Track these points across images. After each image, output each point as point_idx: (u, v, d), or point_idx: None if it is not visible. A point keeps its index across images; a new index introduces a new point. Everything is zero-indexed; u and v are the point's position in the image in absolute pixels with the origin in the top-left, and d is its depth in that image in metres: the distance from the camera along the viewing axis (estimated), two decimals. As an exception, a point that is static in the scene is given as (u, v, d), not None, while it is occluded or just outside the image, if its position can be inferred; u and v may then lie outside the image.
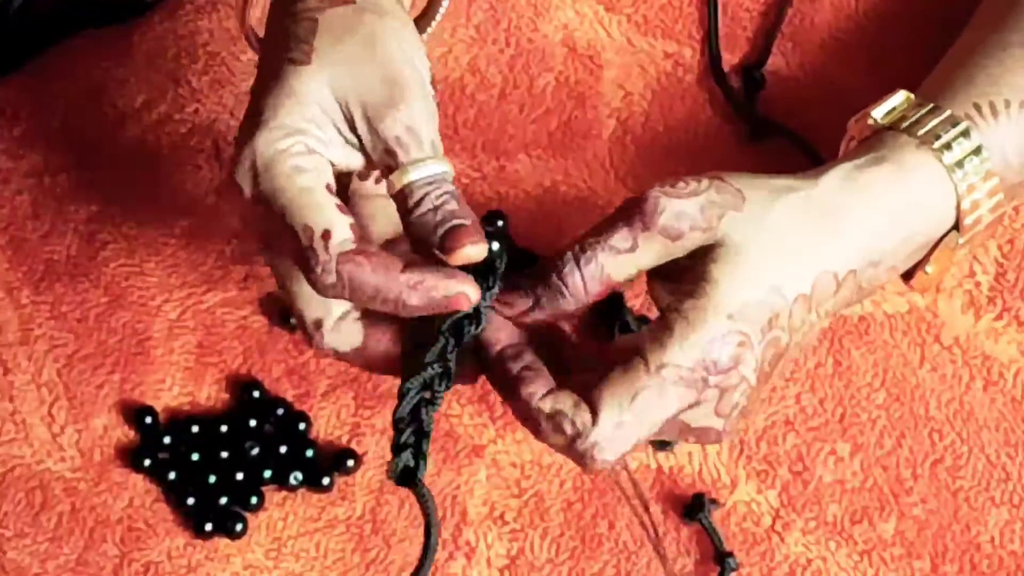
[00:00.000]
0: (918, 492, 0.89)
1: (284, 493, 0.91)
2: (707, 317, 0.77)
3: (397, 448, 0.78)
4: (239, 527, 0.90)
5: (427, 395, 0.79)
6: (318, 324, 0.80)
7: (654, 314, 0.93)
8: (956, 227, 0.84)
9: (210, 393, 0.93)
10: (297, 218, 0.77)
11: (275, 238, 0.80)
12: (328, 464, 0.91)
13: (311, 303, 0.80)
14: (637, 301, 0.93)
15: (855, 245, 0.81)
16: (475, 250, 0.77)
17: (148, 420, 0.92)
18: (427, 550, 0.79)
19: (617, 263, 0.79)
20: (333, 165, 0.79)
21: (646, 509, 0.89)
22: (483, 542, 0.90)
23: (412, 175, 0.78)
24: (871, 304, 0.92)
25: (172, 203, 0.97)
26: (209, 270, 0.95)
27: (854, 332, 0.92)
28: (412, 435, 0.78)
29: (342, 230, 0.77)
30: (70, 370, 0.93)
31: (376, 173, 0.83)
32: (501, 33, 0.99)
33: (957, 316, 0.92)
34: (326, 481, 0.90)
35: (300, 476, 0.90)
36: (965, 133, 0.82)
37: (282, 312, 0.94)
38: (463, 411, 0.92)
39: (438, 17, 0.88)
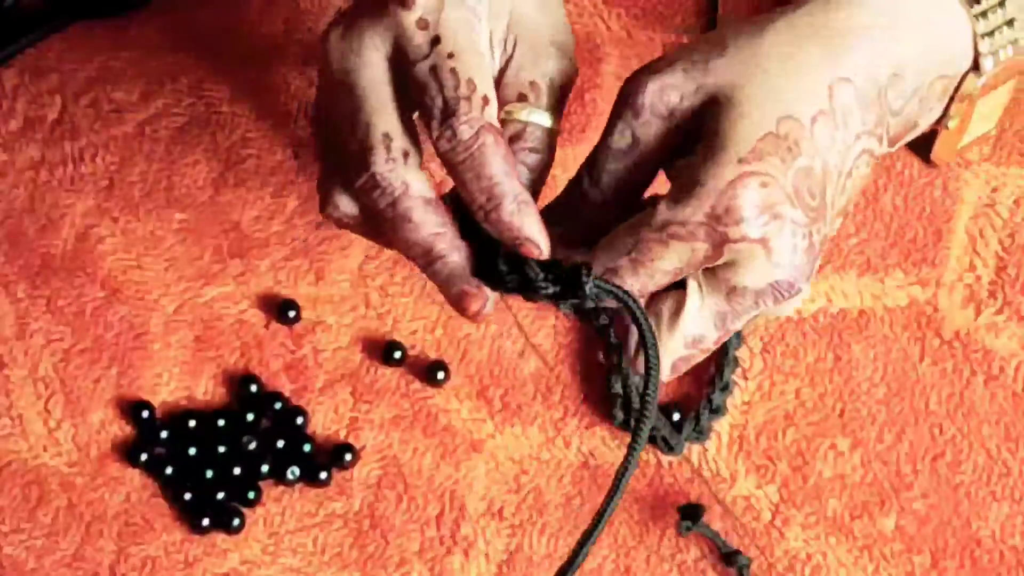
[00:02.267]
0: (918, 487, 0.89)
1: (281, 488, 0.91)
2: (713, 167, 0.72)
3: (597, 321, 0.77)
4: (236, 522, 0.89)
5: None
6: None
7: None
8: (975, 67, 0.79)
9: (207, 388, 0.93)
10: (462, 71, 0.74)
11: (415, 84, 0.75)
12: (326, 459, 0.91)
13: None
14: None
15: (866, 50, 0.75)
16: (531, 246, 0.74)
17: (145, 415, 0.92)
18: (649, 362, 0.73)
19: (622, 163, 0.75)
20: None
21: None
22: (481, 537, 0.89)
23: (538, 118, 0.77)
24: (871, 298, 0.92)
25: (169, 197, 0.96)
26: (206, 264, 0.95)
27: (854, 326, 0.92)
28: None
29: (494, 106, 0.75)
30: (67, 365, 0.93)
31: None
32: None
33: (957, 310, 0.92)
34: (323, 476, 0.90)
35: (297, 471, 0.90)
36: None
37: (280, 307, 0.93)
38: (462, 406, 0.91)
39: None
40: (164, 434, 0.91)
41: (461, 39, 0.75)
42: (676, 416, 0.91)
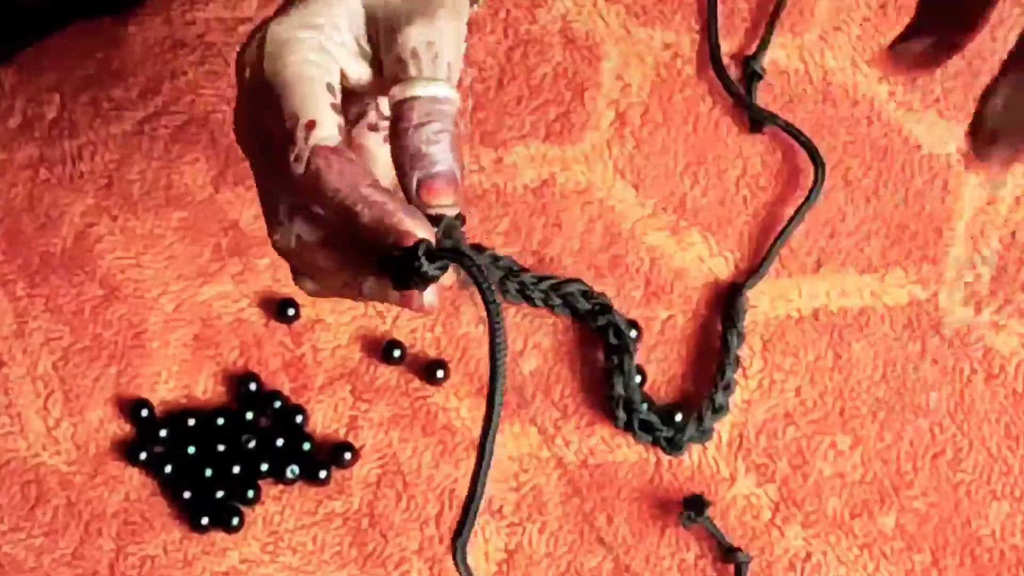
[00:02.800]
0: (919, 485, 0.89)
1: (281, 487, 0.90)
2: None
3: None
4: (235, 521, 0.89)
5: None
6: (311, 124, 0.74)
7: (647, 316, 0.93)
8: None
9: (206, 386, 0.93)
10: (287, 103, 0.74)
11: (261, 125, 0.76)
12: (325, 458, 0.91)
13: (305, 108, 0.74)
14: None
15: None
16: (446, 205, 0.73)
17: (144, 413, 0.92)
18: (495, 350, 0.69)
19: None
20: (343, 73, 0.76)
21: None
22: (481, 536, 0.89)
23: (418, 90, 0.74)
24: (871, 296, 0.92)
25: (168, 195, 0.96)
26: (205, 263, 0.95)
27: (854, 325, 0.92)
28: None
29: (328, 126, 0.73)
30: (66, 363, 0.93)
31: (384, 132, 0.80)
32: (499, 23, 0.98)
33: (958, 308, 0.92)
34: (323, 475, 0.90)
35: (297, 470, 0.90)
36: None
37: (279, 305, 0.93)
38: (461, 404, 0.91)
39: None
40: (163, 433, 0.91)
41: (285, 67, 0.74)
42: (679, 417, 0.90)
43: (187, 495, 0.90)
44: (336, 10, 0.76)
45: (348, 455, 0.90)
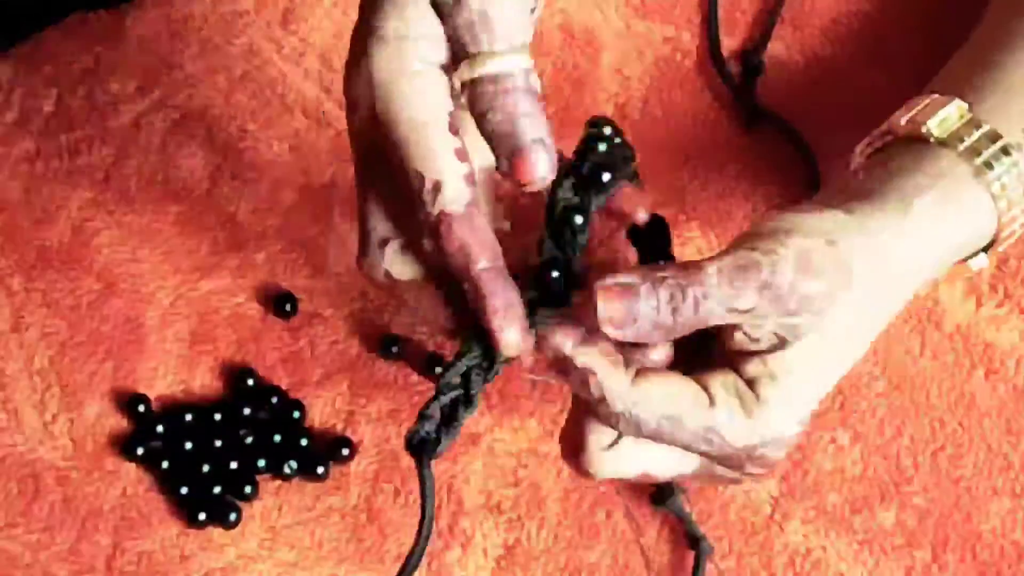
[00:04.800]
0: (919, 481, 0.89)
1: (278, 482, 0.90)
2: (777, 415, 0.74)
3: (423, 415, 0.75)
4: (233, 516, 0.89)
5: (483, 363, 0.75)
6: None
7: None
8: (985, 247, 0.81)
9: (204, 381, 0.92)
10: (409, 161, 0.72)
11: (382, 161, 0.75)
12: (323, 453, 0.90)
13: (429, 165, 0.73)
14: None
15: (918, 282, 0.79)
16: (538, 181, 0.72)
17: (141, 408, 0.91)
18: (420, 538, 0.77)
19: (724, 316, 0.73)
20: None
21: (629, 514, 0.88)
22: (479, 532, 0.89)
23: (477, 70, 0.71)
24: (871, 291, 0.92)
25: (166, 189, 0.96)
26: (203, 257, 0.95)
27: (854, 319, 0.91)
28: (449, 403, 0.75)
29: (454, 184, 0.72)
30: (62, 358, 0.93)
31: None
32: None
33: (958, 304, 0.92)
34: (321, 470, 0.90)
35: (295, 465, 0.90)
36: (1014, 162, 0.79)
37: (276, 300, 0.93)
38: (459, 399, 0.91)
39: None
40: (160, 428, 0.91)
41: (399, 111, 0.72)
42: None
43: (184, 490, 0.90)
44: (419, 6, 0.73)
45: (346, 450, 0.90)
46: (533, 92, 0.72)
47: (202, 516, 0.89)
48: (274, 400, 0.91)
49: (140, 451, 0.91)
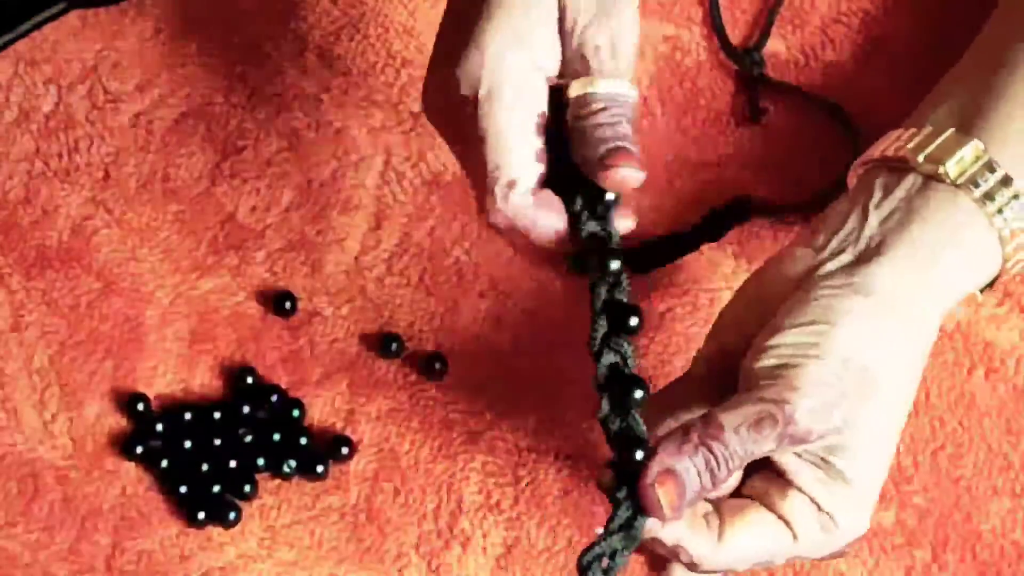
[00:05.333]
0: (919, 480, 0.89)
1: (278, 481, 0.90)
2: (852, 524, 0.79)
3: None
4: (232, 516, 0.89)
5: (605, 564, 0.76)
6: (511, 184, 0.78)
7: (646, 309, 0.92)
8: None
9: (203, 380, 0.92)
10: (492, 152, 0.77)
11: (463, 134, 0.79)
12: (322, 452, 0.90)
13: (510, 163, 0.78)
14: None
15: (936, 332, 0.81)
16: (632, 174, 0.77)
17: (140, 407, 0.91)
18: None
19: (747, 459, 0.77)
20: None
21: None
22: (479, 531, 0.89)
23: (600, 87, 0.78)
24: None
25: (165, 188, 0.96)
26: (202, 256, 0.95)
27: (854, 318, 0.91)
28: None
29: (526, 180, 0.78)
30: (62, 357, 0.93)
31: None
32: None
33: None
34: (320, 469, 0.90)
35: (294, 464, 0.90)
36: (1016, 196, 0.80)
37: (276, 299, 0.93)
38: (459, 398, 0.91)
39: None
40: (160, 427, 0.91)
41: (496, 110, 0.77)
42: None
43: (184, 489, 0.90)
44: (538, 10, 0.78)
45: (346, 449, 0.90)
46: (632, 122, 0.79)
47: (202, 515, 0.89)
48: (274, 399, 0.91)
49: (140, 450, 0.91)
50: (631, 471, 0.75)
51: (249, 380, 0.92)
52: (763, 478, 0.79)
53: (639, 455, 0.76)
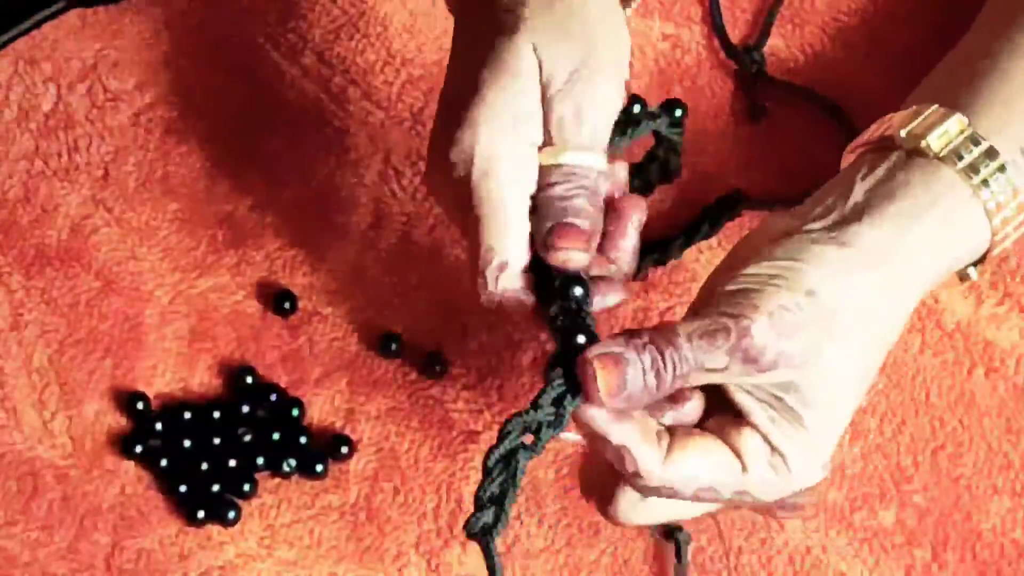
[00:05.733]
0: (919, 480, 0.89)
1: (277, 480, 0.90)
2: (806, 464, 0.77)
3: (480, 500, 0.77)
4: (232, 514, 0.89)
5: (527, 440, 0.77)
6: (502, 267, 0.79)
7: (645, 307, 0.92)
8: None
9: (203, 379, 0.92)
10: (484, 232, 0.78)
11: (462, 212, 0.80)
12: (322, 451, 0.90)
13: (503, 246, 0.79)
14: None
15: (913, 291, 0.80)
16: (574, 256, 0.78)
17: (140, 406, 0.91)
18: None
19: (699, 377, 0.76)
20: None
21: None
22: (479, 530, 0.89)
23: (562, 158, 0.78)
24: (871, 289, 0.91)
25: (164, 187, 0.96)
26: (202, 255, 0.95)
27: (854, 317, 0.91)
28: (499, 486, 0.77)
29: (516, 263, 0.79)
30: (61, 356, 0.93)
31: None
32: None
33: (958, 302, 0.91)
34: (320, 468, 0.89)
35: (294, 463, 0.90)
36: (1009, 179, 0.80)
37: (275, 298, 0.93)
38: (458, 397, 0.91)
39: None
40: (159, 426, 0.91)
41: (489, 190, 0.78)
42: None
43: (183, 488, 0.90)
44: (525, 84, 0.79)
45: (345, 448, 0.90)
46: (597, 195, 0.79)
47: (201, 514, 0.89)
48: (273, 398, 0.91)
49: (139, 449, 0.90)
50: (571, 352, 0.76)
51: (249, 379, 0.92)
52: (719, 418, 0.78)
53: (581, 339, 0.76)
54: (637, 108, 0.82)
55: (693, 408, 0.79)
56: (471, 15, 0.82)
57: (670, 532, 0.87)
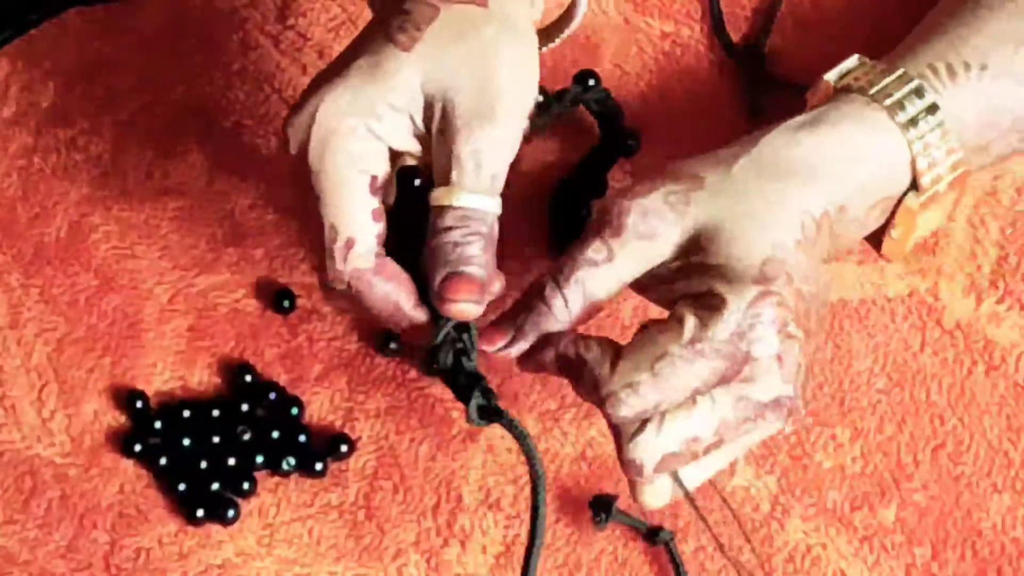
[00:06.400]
0: (919, 478, 0.89)
1: (277, 479, 0.90)
2: (734, 288, 0.75)
3: (460, 390, 0.79)
4: (231, 513, 0.89)
5: (459, 344, 0.79)
6: (350, 243, 0.78)
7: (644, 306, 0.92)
8: (914, 186, 0.82)
9: (202, 377, 0.92)
10: (327, 211, 0.77)
11: (307, 193, 0.80)
12: (321, 449, 0.90)
13: (346, 222, 0.78)
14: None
15: (815, 189, 0.79)
16: (467, 308, 0.78)
17: (139, 405, 0.91)
18: (536, 490, 0.78)
19: (596, 277, 0.77)
20: (392, 149, 0.79)
21: (707, 526, 0.88)
22: (478, 528, 0.89)
23: (455, 200, 0.78)
24: (871, 288, 0.91)
25: (163, 185, 0.96)
26: (201, 253, 0.95)
27: (854, 316, 0.91)
28: (465, 379, 0.79)
29: (366, 241, 0.77)
30: (60, 354, 0.93)
31: None
32: (497, 12, 0.98)
33: (958, 300, 0.91)
34: (319, 466, 0.89)
35: (293, 461, 0.89)
36: (918, 91, 0.81)
37: (275, 296, 0.93)
38: (458, 396, 0.91)
39: (571, 27, 0.87)
40: (158, 424, 0.91)
41: (328, 164, 0.78)
42: None
43: (182, 487, 0.90)
44: (393, 95, 0.78)
45: (344, 447, 0.90)
46: (492, 240, 0.79)
47: (200, 513, 0.89)
48: (272, 396, 0.91)
49: (138, 448, 0.90)
50: (459, 394, 0.81)
51: (248, 377, 0.92)
52: None
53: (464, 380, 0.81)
54: (541, 97, 0.82)
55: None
56: (381, 13, 0.82)
57: (654, 534, 0.87)
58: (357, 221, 0.77)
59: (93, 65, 0.99)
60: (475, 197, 0.78)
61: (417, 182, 0.81)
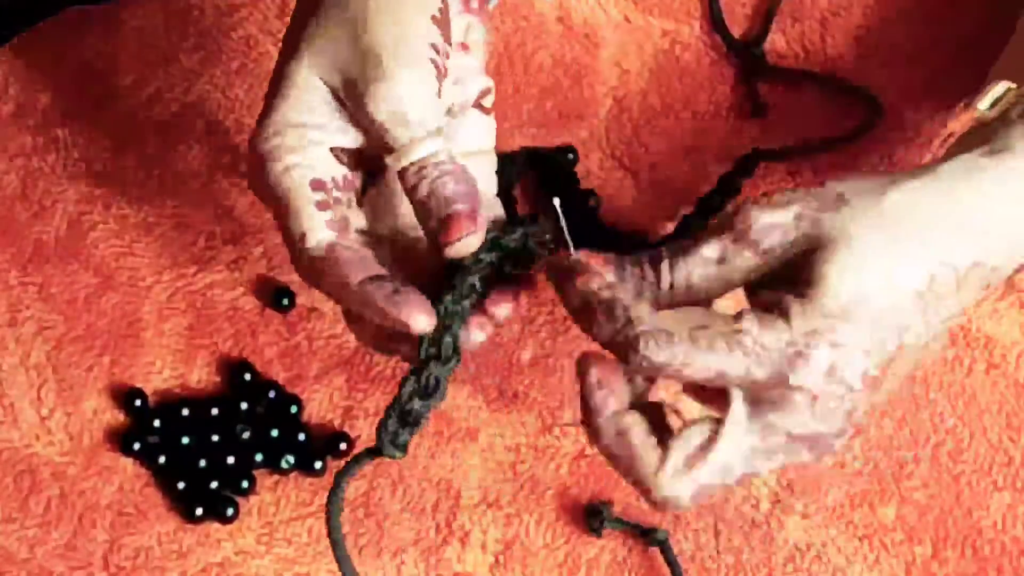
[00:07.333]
0: (919, 476, 0.88)
1: (276, 477, 0.90)
2: (805, 311, 0.72)
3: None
4: (230, 511, 0.89)
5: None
6: (302, 238, 0.78)
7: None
8: None
9: (201, 376, 0.92)
10: (282, 219, 0.78)
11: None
12: (320, 448, 0.90)
13: (297, 219, 0.78)
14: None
15: (980, 236, 0.75)
16: (468, 241, 0.77)
17: (138, 403, 0.91)
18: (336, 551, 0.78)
19: (705, 274, 0.75)
20: (341, 148, 0.79)
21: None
22: (478, 527, 0.89)
23: (403, 160, 0.77)
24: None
25: (162, 183, 0.96)
26: (200, 251, 0.94)
27: (854, 314, 0.91)
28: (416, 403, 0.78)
29: (316, 231, 0.77)
30: (59, 352, 0.93)
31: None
32: (496, 10, 0.98)
33: (959, 297, 0.91)
34: (318, 465, 0.89)
35: (292, 460, 0.89)
36: None
37: (274, 294, 0.93)
38: (457, 394, 0.91)
39: None
40: (157, 422, 0.91)
41: (272, 181, 0.78)
42: None
43: (181, 485, 0.90)
44: (309, 97, 0.79)
45: (343, 445, 0.90)
46: (460, 170, 0.78)
47: (199, 511, 0.89)
48: (271, 395, 0.91)
49: (137, 446, 0.90)
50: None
51: (247, 376, 0.91)
52: None
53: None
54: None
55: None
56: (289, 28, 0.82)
57: (650, 535, 0.87)
58: (305, 216, 0.78)
59: (92, 64, 0.99)
60: (418, 148, 0.77)
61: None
